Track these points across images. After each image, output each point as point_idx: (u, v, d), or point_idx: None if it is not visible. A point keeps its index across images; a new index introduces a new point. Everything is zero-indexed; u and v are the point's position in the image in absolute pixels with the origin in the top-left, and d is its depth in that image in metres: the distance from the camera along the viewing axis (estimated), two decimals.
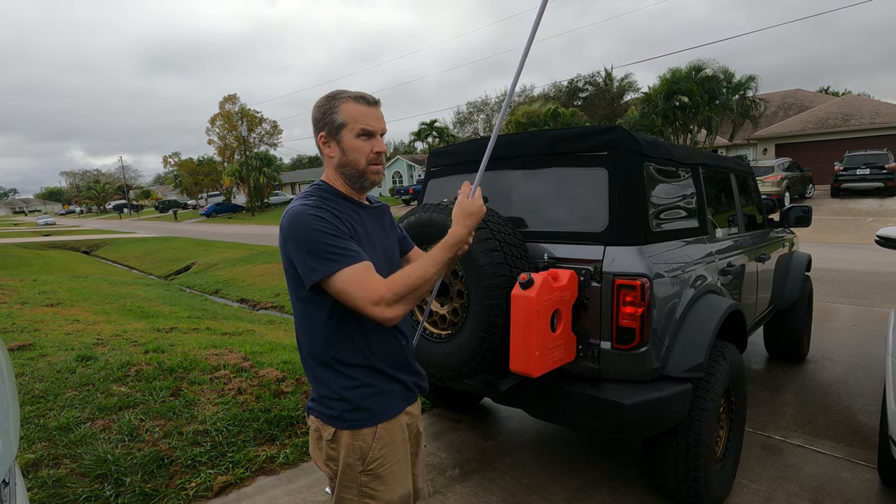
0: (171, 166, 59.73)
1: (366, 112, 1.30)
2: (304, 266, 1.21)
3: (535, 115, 25.98)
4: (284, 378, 3.64)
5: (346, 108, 1.29)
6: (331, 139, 1.31)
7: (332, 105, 1.30)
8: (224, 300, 9.68)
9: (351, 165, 1.31)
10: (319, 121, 1.32)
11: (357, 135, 1.29)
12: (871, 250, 9.32)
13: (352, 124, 1.29)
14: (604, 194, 2.14)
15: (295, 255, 1.22)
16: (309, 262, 1.20)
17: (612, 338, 2.03)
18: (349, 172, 1.33)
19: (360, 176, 1.33)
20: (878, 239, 2.72)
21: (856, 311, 5.77)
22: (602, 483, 2.57)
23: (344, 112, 1.29)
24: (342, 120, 1.29)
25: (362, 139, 1.30)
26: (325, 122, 1.31)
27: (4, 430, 1.26)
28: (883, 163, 16.69)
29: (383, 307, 1.18)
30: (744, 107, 22.15)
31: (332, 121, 1.30)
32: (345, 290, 1.18)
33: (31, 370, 3.68)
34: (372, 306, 1.18)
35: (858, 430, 3.04)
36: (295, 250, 1.22)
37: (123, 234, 28.90)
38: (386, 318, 1.19)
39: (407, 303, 1.21)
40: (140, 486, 2.45)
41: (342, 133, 1.30)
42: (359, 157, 1.30)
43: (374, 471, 1.31)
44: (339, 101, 1.30)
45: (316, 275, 1.19)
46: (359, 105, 1.30)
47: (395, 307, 1.19)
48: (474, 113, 45.47)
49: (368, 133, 1.30)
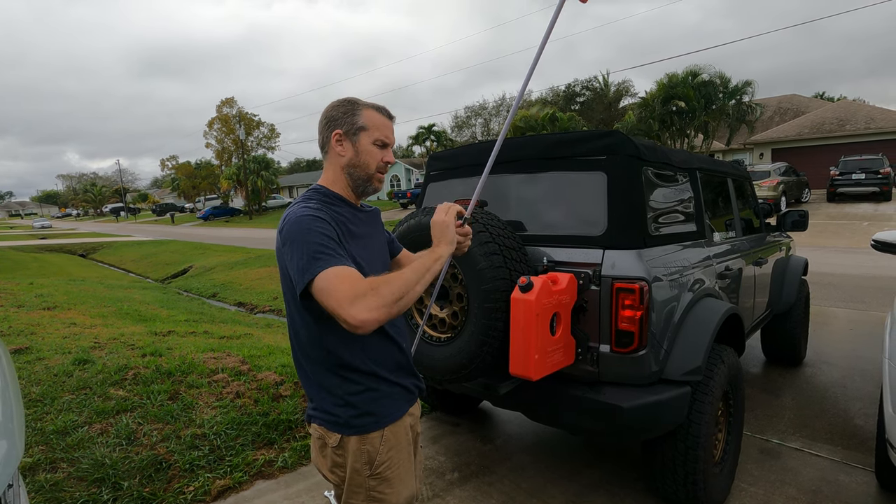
0: (168, 169, 59.66)
1: (385, 123, 1.38)
2: (298, 268, 1.18)
3: (533, 119, 26.09)
4: (283, 382, 3.64)
5: (368, 114, 1.35)
6: (346, 139, 1.35)
7: (353, 108, 1.35)
8: (222, 304, 9.66)
9: (361, 168, 1.35)
10: (338, 119, 1.35)
11: (374, 141, 1.35)
12: (866, 254, 9.37)
13: (372, 130, 1.35)
14: (602, 198, 2.15)
15: (291, 258, 1.20)
16: (302, 263, 1.17)
17: (611, 341, 2.04)
18: (357, 174, 1.36)
19: (367, 180, 1.37)
20: (874, 243, 2.74)
21: (852, 315, 5.79)
22: (601, 487, 2.57)
23: (366, 117, 1.35)
24: (363, 123, 1.34)
25: (377, 147, 1.36)
26: (343, 122, 1.34)
27: (9, 433, 1.25)
28: (878, 168, 16.80)
29: (360, 308, 1.10)
30: (740, 112, 22.29)
31: (353, 122, 1.34)
32: (327, 286, 1.12)
33: (28, 374, 3.67)
34: (348, 305, 1.10)
35: (856, 433, 3.05)
36: (291, 252, 1.20)
37: (120, 237, 28.82)
38: (360, 321, 1.09)
39: (385, 306, 1.13)
40: (138, 490, 2.44)
41: (360, 135, 1.34)
42: (371, 161, 1.35)
43: (381, 474, 1.31)
44: (362, 107, 1.36)
45: (307, 275, 1.15)
46: (380, 115, 1.37)
47: (372, 309, 1.10)
48: (472, 117, 45.61)
49: (384, 143, 1.37)
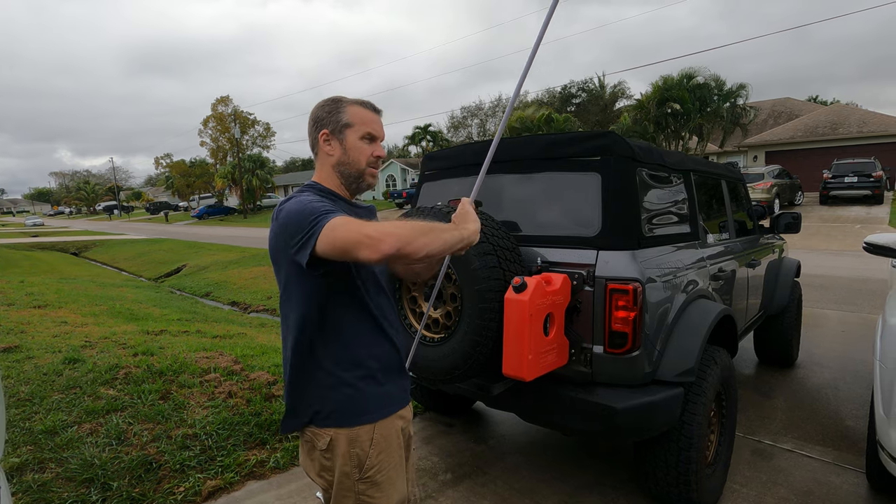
0: (162, 168, 59.35)
1: (371, 117, 1.36)
2: (302, 230, 1.12)
3: (529, 120, 26.16)
4: (275, 381, 3.62)
5: (352, 110, 1.34)
6: (333, 137, 1.34)
7: (337, 106, 1.34)
8: (215, 303, 9.61)
9: (351, 165, 1.34)
10: (323, 119, 1.34)
11: (361, 136, 1.34)
12: (858, 257, 9.44)
13: (358, 126, 1.34)
14: (597, 199, 2.15)
15: (293, 233, 1.15)
16: (305, 224, 1.12)
17: (604, 342, 2.03)
18: (348, 172, 1.35)
19: (359, 176, 1.36)
20: (867, 246, 2.75)
21: (844, 317, 5.83)
22: (594, 487, 2.57)
23: (350, 114, 1.33)
24: (348, 120, 1.33)
25: (365, 142, 1.35)
26: (329, 121, 1.34)
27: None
28: (870, 171, 16.95)
29: (375, 228, 1.07)
30: (734, 114, 22.43)
31: (338, 120, 1.33)
32: (335, 231, 1.08)
33: (17, 372, 3.63)
34: (364, 229, 1.07)
35: (847, 434, 3.07)
36: (290, 225, 1.16)
37: (113, 235, 28.62)
38: (377, 238, 1.05)
39: (401, 231, 1.08)
40: (127, 491, 2.41)
41: (346, 132, 1.33)
42: (360, 157, 1.34)
43: (371, 478, 1.29)
44: (346, 104, 1.35)
45: (315, 230, 1.10)
46: (365, 110, 1.36)
47: (388, 232, 1.07)
48: (468, 117, 45.64)
49: (372, 137, 1.36)
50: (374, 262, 1.08)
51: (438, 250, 1.14)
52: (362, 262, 1.09)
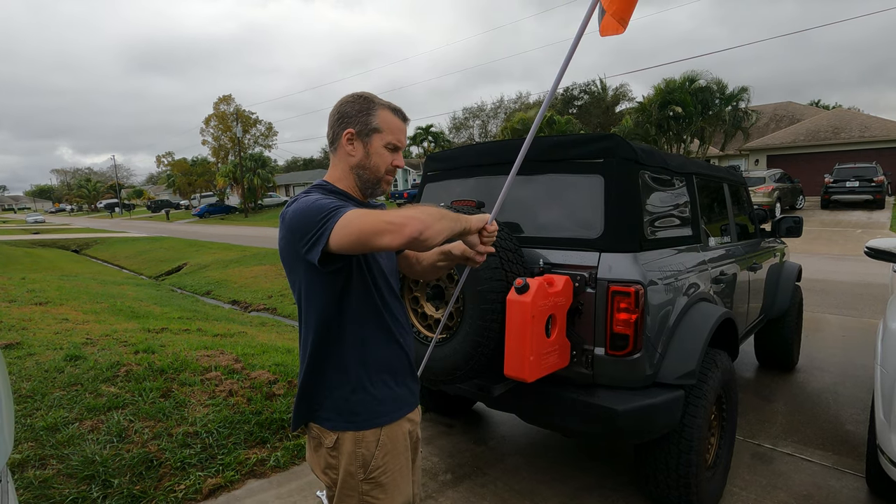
0: (164, 166, 59.39)
1: (400, 126, 1.33)
2: (310, 237, 1.12)
3: (531, 121, 26.15)
4: (276, 380, 3.62)
5: (384, 115, 1.30)
6: (358, 139, 1.30)
7: (369, 107, 1.30)
8: (216, 301, 9.61)
9: (371, 170, 1.31)
10: (351, 117, 1.29)
11: (386, 144, 1.31)
12: (860, 262, 9.44)
13: (386, 133, 1.30)
14: (599, 201, 2.16)
15: (304, 232, 1.13)
16: (316, 220, 1.11)
17: (605, 344, 2.04)
18: (366, 176, 1.32)
19: (376, 183, 1.34)
20: (868, 250, 2.76)
21: (845, 322, 5.83)
22: (594, 489, 2.57)
23: (381, 119, 1.30)
24: (377, 125, 1.29)
25: (388, 150, 1.32)
26: (357, 120, 1.29)
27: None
28: (872, 176, 16.95)
29: (394, 215, 1.08)
30: (736, 118, 22.43)
31: (367, 122, 1.29)
32: (348, 223, 1.07)
33: (19, 369, 3.63)
34: (383, 217, 1.07)
35: (847, 439, 3.07)
36: (296, 231, 1.15)
37: (114, 233, 28.64)
38: (399, 223, 1.06)
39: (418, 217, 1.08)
40: (128, 488, 2.42)
41: (373, 137, 1.30)
42: (381, 165, 1.31)
43: (376, 479, 1.29)
44: (378, 107, 1.30)
45: (328, 225, 1.09)
46: (396, 118, 1.32)
47: (406, 217, 1.08)
48: (470, 118, 45.69)
49: (396, 147, 1.33)
50: (395, 247, 1.08)
51: (447, 236, 1.17)
52: (382, 249, 1.08)
